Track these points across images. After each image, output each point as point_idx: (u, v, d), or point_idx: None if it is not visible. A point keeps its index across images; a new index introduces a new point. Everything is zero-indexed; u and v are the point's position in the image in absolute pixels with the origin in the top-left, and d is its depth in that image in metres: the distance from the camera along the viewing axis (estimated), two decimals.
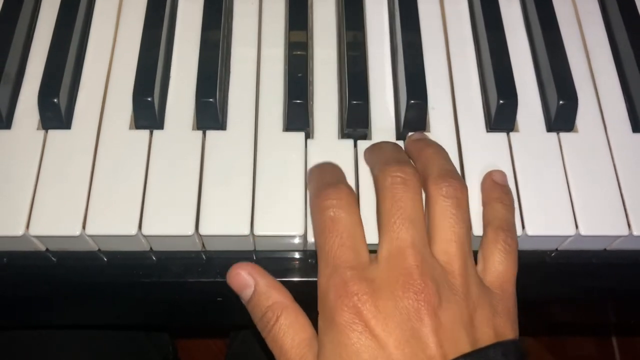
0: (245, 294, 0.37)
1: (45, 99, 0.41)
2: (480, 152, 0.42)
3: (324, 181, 0.38)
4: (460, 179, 0.37)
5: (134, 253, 0.41)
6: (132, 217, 0.39)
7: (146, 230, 0.39)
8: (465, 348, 0.33)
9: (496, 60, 0.44)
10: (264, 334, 0.36)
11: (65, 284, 0.43)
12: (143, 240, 0.40)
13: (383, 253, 0.35)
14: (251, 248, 0.41)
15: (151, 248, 0.41)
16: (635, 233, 0.40)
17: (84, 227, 0.39)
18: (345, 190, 0.36)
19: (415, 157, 0.40)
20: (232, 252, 0.42)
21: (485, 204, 0.40)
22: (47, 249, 0.41)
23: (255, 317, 0.37)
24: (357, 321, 0.33)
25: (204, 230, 0.39)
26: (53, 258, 0.42)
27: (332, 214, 0.35)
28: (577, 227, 0.40)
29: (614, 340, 1.15)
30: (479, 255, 0.38)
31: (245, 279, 0.37)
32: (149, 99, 0.41)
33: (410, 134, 0.42)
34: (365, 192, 0.40)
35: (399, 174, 0.36)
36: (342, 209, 0.35)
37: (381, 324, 0.32)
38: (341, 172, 0.40)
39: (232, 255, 0.42)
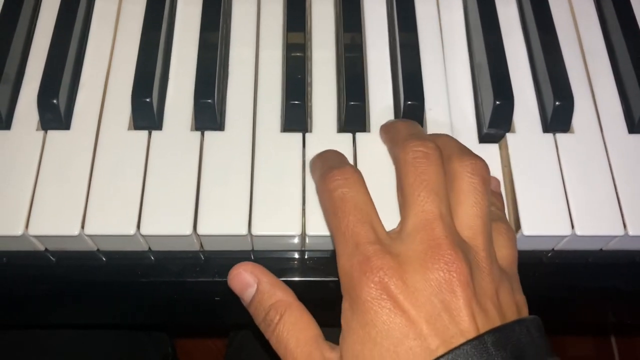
0: (248, 294, 0.37)
1: (44, 99, 0.42)
2: (477, 153, 0.42)
3: (327, 165, 0.37)
4: (483, 159, 0.37)
5: (133, 253, 0.42)
6: (130, 217, 0.39)
7: (144, 230, 0.39)
8: (496, 322, 0.32)
9: (492, 62, 0.44)
10: (267, 335, 0.35)
11: (64, 284, 0.43)
12: (141, 240, 0.40)
13: (408, 227, 0.34)
14: (249, 248, 0.41)
15: (150, 248, 0.41)
16: (631, 233, 0.40)
17: (82, 227, 0.39)
18: (351, 169, 0.36)
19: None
20: (230, 252, 0.42)
21: None
22: (46, 249, 0.41)
23: (258, 317, 0.36)
24: (384, 297, 0.31)
25: (202, 230, 0.39)
26: (52, 258, 0.42)
27: (340, 193, 0.35)
28: (573, 227, 0.40)
29: (613, 340, 1.15)
30: None
31: (248, 279, 0.36)
32: (148, 100, 0.41)
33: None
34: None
35: (420, 148, 0.36)
36: (350, 187, 0.35)
37: (410, 299, 0.31)
38: (343, 156, 0.39)
39: (231, 255, 0.42)
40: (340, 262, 0.34)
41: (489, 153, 0.43)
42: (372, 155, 0.42)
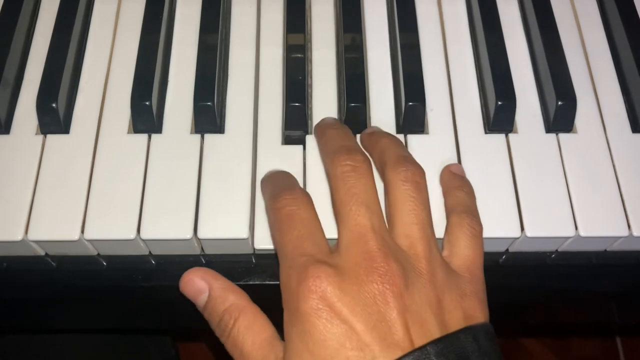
0: (201, 300, 0.36)
1: (43, 103, 0.41)
2: (479, 154, 0.42)
3: (277, 186, 0.38)
4: (418, 164, 0.37)
5: (133, 257, 0.41)
6: (130, 221, 0.39)
7: (145, 234, 0.39)
8: (434, 331, 0.32)
9: (494, 62, 0.44)
10: (222, 339, 0.35)
11: (65, 288, 0.43)
12: (142, 244, 0.40)
13: (343, 241, 0.34)
14: (250, 251, 0.41)
15: (150, 252, 0.41)
16: (635, 234, 0.40)
17: (82, 231, 0.39)
18: (300, 191, 0.36)
19: (371, 149, 0.40)
20: (231, 255, 0.42)
21: (446, 193, 0.40)
22: (46, 254, 0.41)
23: (213, 323, 0.36)
24: (321, 307, 0.32)
25: (203, 234, 0.39)
26: (52, 262, 0.42)
27: (288, 211, 0.35)
28: (576, 228, 0.40)
29: (618, 341, 1.15)
30: (444, 242, 0.38)
31: (199, 284, 0.36)
32: (147, 103, 0.41)
33: (365, 130, 0.42)
34: None
35: (348, 162, 0.36)
36: (297, 206, 0.35)
37: (347, 308, 0.32)
38: (294, 178, 0.40)
39: (231, 258, 0.42)
40: (281, 276, 0.34)
41: (495, 143, 0.43)
42: None
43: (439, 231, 0.38)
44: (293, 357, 0.32)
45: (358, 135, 0.42)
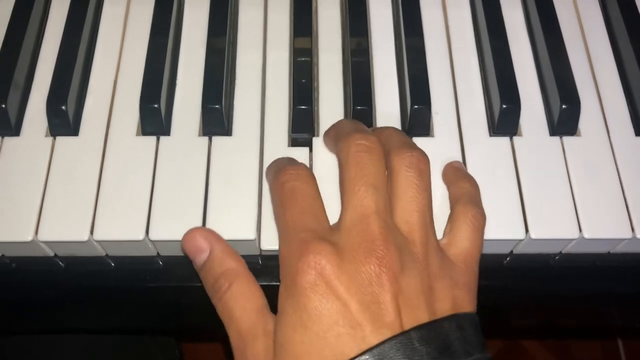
0: (200, 258, 0.37)
1: (53, 106, 0.42)
2: (483, 156, 0.42)
3: (281, 165, 0.38)
4: (422, 150, 0.37)
5: (141, 258, 0.42)
6: (139, 223, 0.39)
7: (153, 235, 0.39)
8: (423, 317, 0.33)
9: (499, 65, 0.44)
10: (214, 301, 0.36)
11: (73, 289, 0.43)
12: (150, 245, 0.40)
13: (346, 220, 0.34)
14: (257, 252, 0.42)
15: (158, 253, 0.41)
16: (638, 236, 0.40)
17: (91, 232, 0.39)
18: (303, 167, 0.37)
19: (375, 134, 0.40)
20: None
21: (451, 183, 0.40)
22: (55, 255, 0.41)
23: (208, 282, 0.37)
24: (319, 282, 0.32)
25: None
26: (61, 263, 0.42)
27: (291, 186, 0.36)
28: (580, 230, 0.40)
29: (620, 343, 1.15)
30: (446, 229, 0.38)
31: (201, 243, 0.37)
32: (156, 106, 0.41)
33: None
34: None
35: (363, 142, 0.36)
36: (300, 181, 0.36)
37: (344, 286, 0.32)
38: (297, 160, 0.40)
39: None
40: (280, 250, 0.35)
41: (500, 146, 0.43)
42: None
43: (438, 228, 0.39)
44: (285, 328, 0.33)
45: None
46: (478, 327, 0.34)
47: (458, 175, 0.40)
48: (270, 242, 0.39)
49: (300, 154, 0.42)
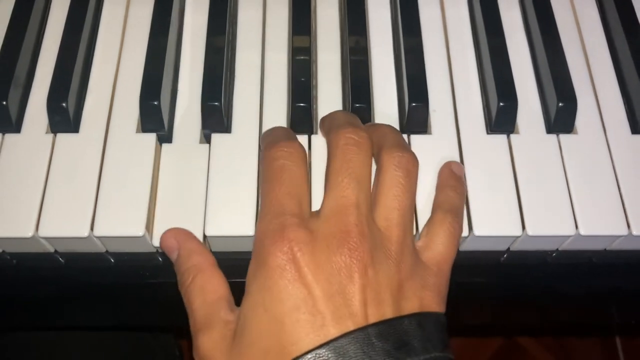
0: (173, 256, 0.39)
1: (53, 103, 0.42)
2: (480, 154, 0.43)
3: (277, 136, 0.39)
4: (413, 153, 0.38)
5: (141, 254, 0.42)
6: (139, 219, 0.39)
7: (153, 232, 0.39)
8: (388, 313, 0.33)
9: (496, 63, 0.44)
10: (181, 294, 0.38)
11: (73, 285, 0.44)
12: (150, 241, 0.40)
13: (326, 209, 0.35)
14: None
15: (158, 249, 0.42)
16: (634, 233, 0.40)
17: (92, 228, 0.39)
18: (297, 145, 0.37)
19: (371, 134, 0.40)
20: (237, 252, 0.42)
21: (439, 188, 0.40)
22: (55, 251, 0.42)
23: (178, 278, 0.38)
24: (288, 267, 0.33)
25: (210, 231, 0.39)
26: (61, 259, 0.43)
27: (281, 163, 0.36)
28: (577, 227, 0.40)
29: (618, 341, 1.15)
30: (423, 232, 0.39)
31: (172, 243, 0.38)
32: (156, 103, 0.42)
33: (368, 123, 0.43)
34: None
35: (352, 135, 0.37)
36: (291, 161, 0.36)
37: (312, 273, 0.33)
38: (293, 133, 0.41)
39: (237, 256, 0.42)
40: (258, 226, 0.36)
41: (497, 144, 0.43)
42: None
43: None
44: (247, 310, 0.34)
45: None
46: (443, 327, 0.35)
47: (449, 182, 0.40)
48: None
49: None
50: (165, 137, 0.43)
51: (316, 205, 0.38)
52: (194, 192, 0.41)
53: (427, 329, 0.33)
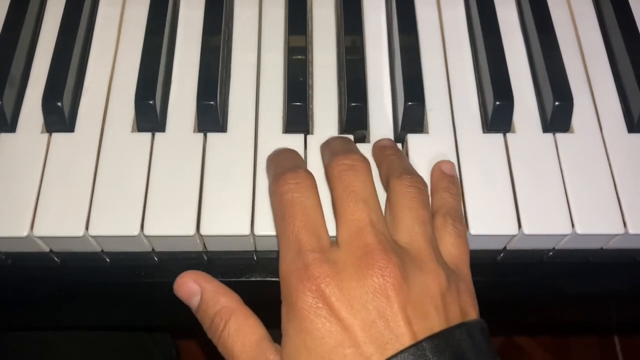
0: (193, 302, 0.37)
1: (49, 102, 0.42)
2: (477, 153, 0.43)
3: (282, 167, 0.38)
4: (422, 178, 0.38)
5: (136, 254, 0.42)
6: (134, 218, 0.39)
7: (148, 231, 0.39)
8: (436, 325, 0.32)
9: (493, 63, 0.44)
10: (214, 341, 0.36)
11: (69, 285, 0.44)
12: (145, 240, 0.40)
13: (343, 237, 0.34)
14: (252, 248, 0.42)
15: (153, 249, 0.42)
16: (631, 231, 0.40)
17: (87, 228, 0.39)
18: (304, 174, 0.36)
19: (379, 161, 0.41)
20: (234, 252, 0.42)
21: (433, 193, 0.40)
22: (50, 250, 0.42)
23: (205, 325, 0.36)
24: (320, 305, 0.32)
25: (205, 230, 0.39)
26: (57, 259, 0.43)
27: (290, 197, 0.35)
28: (573, 226, 0.40)
29: (616, 339, 1.15)
30: None
31: (192, 287, 0.37)
32: (151, 102, 0.42)
33: (378, 139, 0.43)
34: None
35: (345, 161, 0.37)
36: (301, 193, 0.35)
37: (346, 307, 0.32)
38: (299, 158, 0.40)
39: (234, 255, 0.42)
40: (281, 267, 0.34)
41: (493, 143, 0.43)
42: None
43: None
44: (289, 352, 0.33)
45: (367, 145, 0.43)
46: (487, 334, 0.34)
47: (441, 184, 0.40)
48: (265, 227, 0.39)
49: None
50: (159, 130, 0.43)
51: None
52: (188, 188, 0.40)
53: (475, 338, 0.33)
